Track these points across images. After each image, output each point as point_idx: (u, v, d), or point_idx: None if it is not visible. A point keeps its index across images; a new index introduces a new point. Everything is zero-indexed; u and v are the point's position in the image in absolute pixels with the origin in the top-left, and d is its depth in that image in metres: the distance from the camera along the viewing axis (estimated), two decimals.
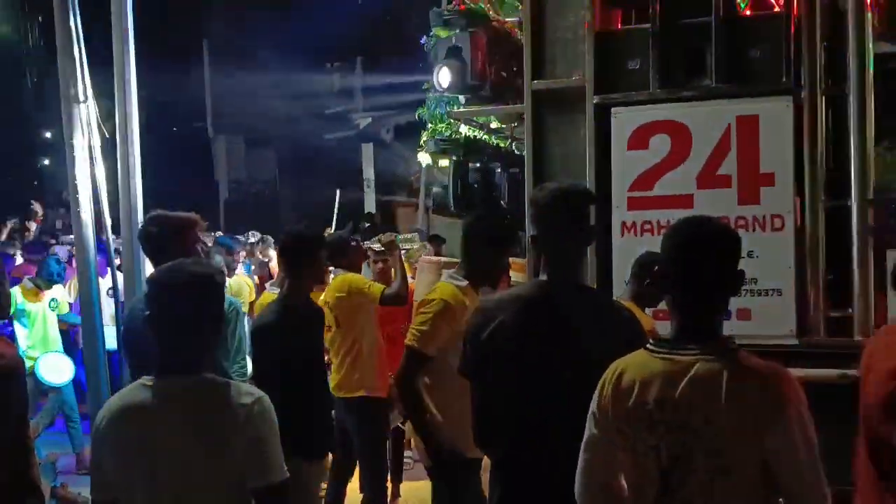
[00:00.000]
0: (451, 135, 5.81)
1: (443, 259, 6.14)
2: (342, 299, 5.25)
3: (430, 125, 11.21)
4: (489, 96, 5.11)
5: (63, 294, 7.46)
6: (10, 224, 10.85)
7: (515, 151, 5.68)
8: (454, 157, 5.65)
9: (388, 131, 18.88)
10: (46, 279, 7.06)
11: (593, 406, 2.32)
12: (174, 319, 2.45)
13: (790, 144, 4.19)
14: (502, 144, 5.82)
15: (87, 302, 5.30)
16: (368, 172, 18.69)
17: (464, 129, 8.35)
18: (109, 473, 2.44)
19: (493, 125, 6.16)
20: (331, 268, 7.52)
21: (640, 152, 4.44)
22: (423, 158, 11.77)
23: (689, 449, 2.16)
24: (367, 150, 19.02)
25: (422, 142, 12.09)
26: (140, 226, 3.98)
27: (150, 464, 2.39)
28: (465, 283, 3.68)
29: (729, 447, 2.13)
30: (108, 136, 5.28)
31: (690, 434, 2.16)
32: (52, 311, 7.16)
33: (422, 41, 11.09)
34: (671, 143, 4.39)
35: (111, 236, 5.44)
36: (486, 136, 5.57)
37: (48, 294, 7.15)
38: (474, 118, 5.60)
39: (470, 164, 5.80)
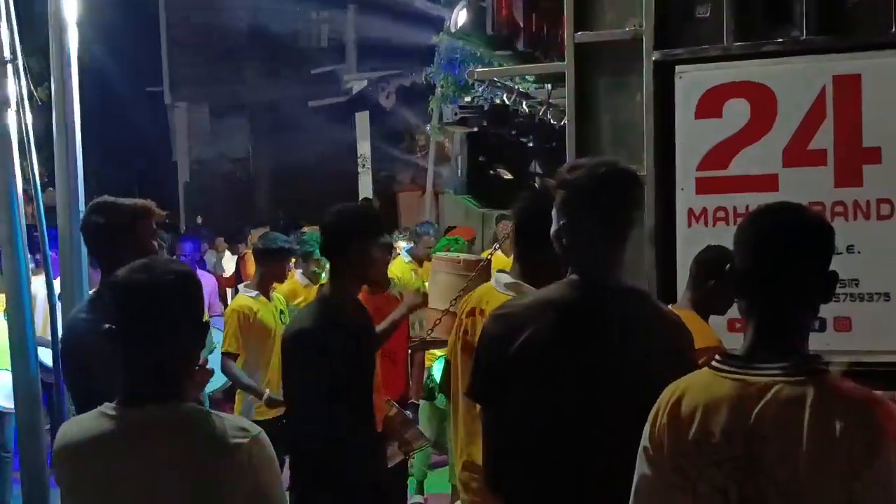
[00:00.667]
0: (473, 100, 5.73)
1: (462, 257, 6.07)
2: None
3: (439, 88, 11.18)
4: (519, 51, 5.03)
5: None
6: None
7: (552, 122, 5.61)
8: (472, 130, 5.56)
9: (387, 96, 18.79)
10: None
11: (645, 439, 2.31)
12: (150, 333, 2.40)
13: None
14: (535, 113, 5.75)
15: (17, 312, 5.23)
16: (364, 147, 18.67)
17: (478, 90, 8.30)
18: None
19: (524, 89, 6.07)
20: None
21: (712, 121, 4.39)
22: (433, 130, 11.73)
23: (762, 492, 2.15)
24: (362, 119, 18.99)
25: (430, 109, 12.05)
26: (83, 216, 3.92)
27: None
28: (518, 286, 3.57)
29: (811, 491, 2.11)
30: (41, 102, 5.26)
31: (765, 474, 2.15)
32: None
33: None
34: (751, 111, 4.33)
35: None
36: (515, 102, 5.50)
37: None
38: (499, 80, 5.51)
39: (489, 138, 5.72)
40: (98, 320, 3.13)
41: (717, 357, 2.30)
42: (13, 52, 5.11)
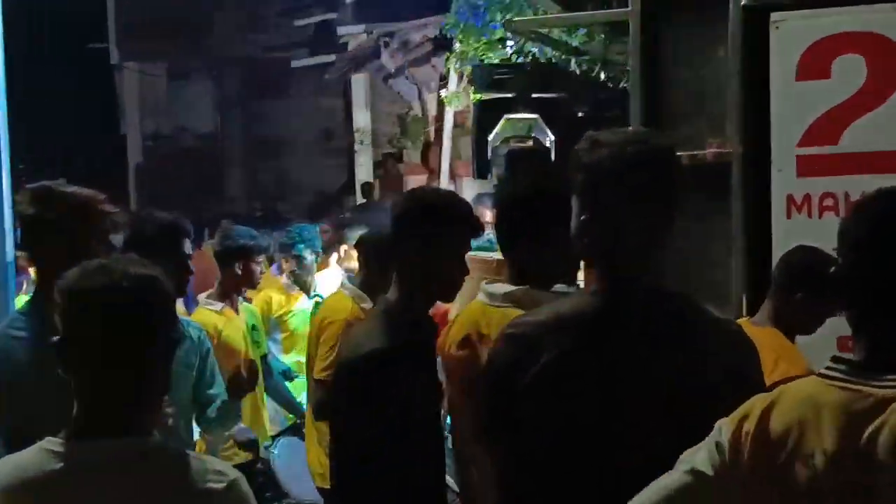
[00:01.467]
0: (511, 57, 5.74)
1: (497, 257, 6.06)
2: None
3: (458, 44, 11.18)
4: None
5: None
6: None
7: (609, 84, 5.59)
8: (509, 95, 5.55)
9: (392, 54, 18.81)
10: None
11: (719, 437, 2.32)
12: (112, 349, 2.42)
13: None
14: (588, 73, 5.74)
15: None
16: (362, 118, 18.71)
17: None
18: None
19: (579, 42, 6.05)
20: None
21: (818, 84, 4.41)
22: (450, 95, 11.72)
23: None
24: (360, 83, 19.03)
25: (445, 69, 12.03)
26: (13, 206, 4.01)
27: None
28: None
29: None
30: None
31: None
32: None
33: None
34: (868, 69, 4.34)
35: None
36: (562, 60, 5.49)
37: None
38: (542, 29, 5.49)
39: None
40: (34, 339, 3.13)
41: (829, 362, 2.29)
42: None
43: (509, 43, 10.58)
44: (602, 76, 5.60)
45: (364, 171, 18.28)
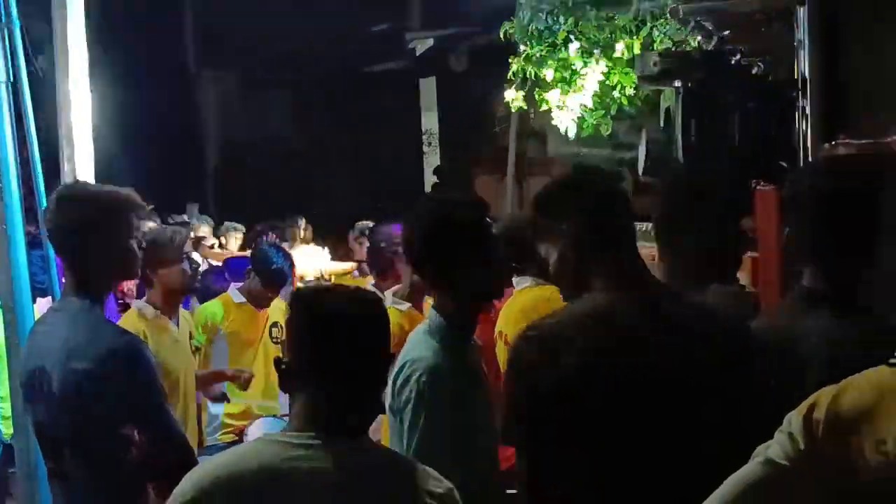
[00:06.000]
0: (673, 46, 5.44)
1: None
2: None
3: (523, 47, 11.13)
4: None
5: None
6: None
7: (769, 77, 5.34)
8: (681, 87, 5.18)
9: (458, 58, 18.78)
10: None
11: (790, 428, 2.29)
12: (365, 362, 2.70)
13: None
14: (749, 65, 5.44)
15: (13, 319, 5.30)
16: (430, 121, 18.68)
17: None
18: None
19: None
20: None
21: None
22: (515, 98, 11.65)
23: None
24: (429, 86, 19.00)
25: (511, 73, 12.00)
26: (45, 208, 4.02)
27: None
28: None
29: None
30: (41, 73, 5.33)
31: None
32: None
33: None
34: None
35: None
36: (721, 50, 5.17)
37: None
38: (703, 17, 5.21)
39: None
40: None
41: None
42: (7, 14, 5.17)
43: (571, 45, 10.57)
44: (761, 68, 5.26)
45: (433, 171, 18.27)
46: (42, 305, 5.63)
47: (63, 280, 5.10)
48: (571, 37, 10.57)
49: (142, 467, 3.42)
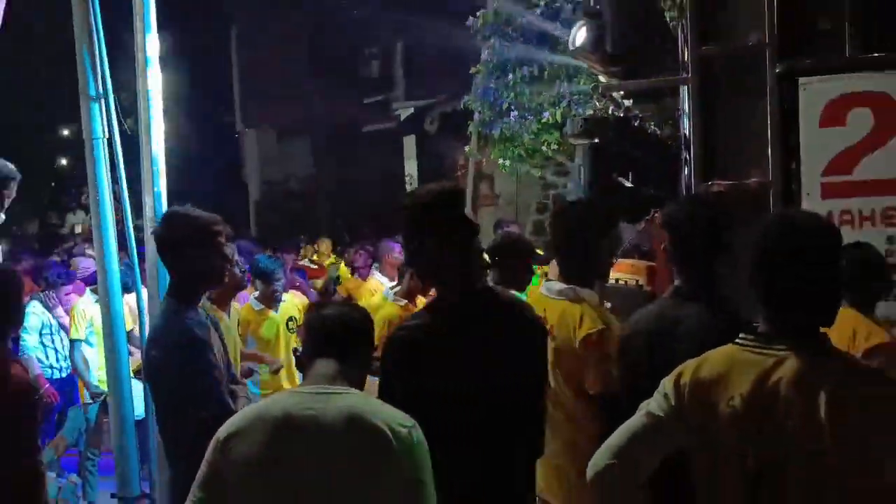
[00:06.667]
0: (599, 111, 5.48)
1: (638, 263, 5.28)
2: None
3: (477, 114, 11.20)
4: (632, 64, 4.78)
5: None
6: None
7: (657, 132, 5.43)
8: (594, 142, 5.22)
9: (431, 122, 18.82)
10: None
11: (664, 389, 2.32)
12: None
13: None
14: (645, 127, 5.50)
15: (110, 331, 5.15)
16: (410, 167, 18.70)
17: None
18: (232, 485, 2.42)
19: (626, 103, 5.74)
20: None
21: (836, 130, 4.23)
22: (470, 151, 11.74)
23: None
24: (409, 142, 19.03)
25: (468, 132, 12.04)
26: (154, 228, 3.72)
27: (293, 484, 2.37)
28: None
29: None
30: (130, 132, 5.30)
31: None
32: None
33: (468, 22, 11.10)
34: (873, 119, 4.19)
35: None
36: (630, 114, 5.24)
37: None
38: (612, 94, 5.25)
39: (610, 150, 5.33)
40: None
41: (742, 334, 2.28)
42: (105, 88, 5.17)
43: (512, 114, 10.64)
44: (652, 127, 5.35)
45: None
46: (127, 298, 5.64)
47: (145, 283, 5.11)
48: (512, 106, 10.67)
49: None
